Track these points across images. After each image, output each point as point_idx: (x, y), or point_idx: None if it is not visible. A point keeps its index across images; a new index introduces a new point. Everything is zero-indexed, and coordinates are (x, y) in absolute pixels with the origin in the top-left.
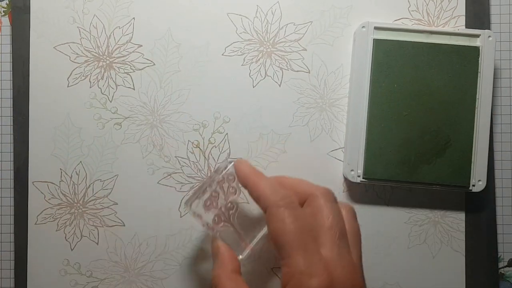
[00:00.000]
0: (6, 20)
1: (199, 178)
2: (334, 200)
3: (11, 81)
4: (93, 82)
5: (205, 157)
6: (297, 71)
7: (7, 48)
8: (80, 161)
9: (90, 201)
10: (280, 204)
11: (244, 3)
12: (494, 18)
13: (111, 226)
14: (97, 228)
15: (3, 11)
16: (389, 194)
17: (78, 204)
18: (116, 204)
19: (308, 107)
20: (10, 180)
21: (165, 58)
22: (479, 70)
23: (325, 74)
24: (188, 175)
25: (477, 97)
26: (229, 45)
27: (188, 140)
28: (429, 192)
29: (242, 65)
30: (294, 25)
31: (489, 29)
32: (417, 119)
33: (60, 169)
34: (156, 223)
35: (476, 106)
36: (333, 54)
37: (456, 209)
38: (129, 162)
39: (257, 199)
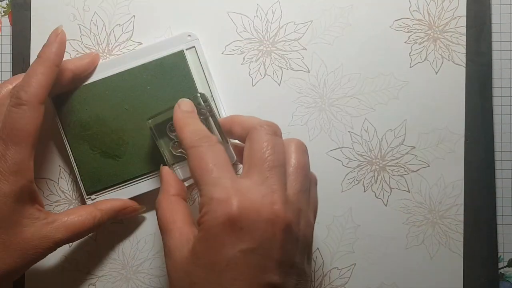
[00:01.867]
0: (6, 20)
1: None
2: (274, 133)
3: None
4: None
5: None
6: (297, 70)
7: (8, 48)
8: None
9: (87, 198)
10: (196, 144)
11: (245, 2)
12: (494, 18)
13: (108, 223)
14: None
15: (3, 11)
16: (387, 194)
17: (77, 201)
18: None
19: (307, 106)
20: None
21: None
22: (192, 73)
23: (325, 73)
24: None
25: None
26: (229, 44)
27: None
28: (428, 192)
29: (241, 64)
30: (294, 24)
31: (489, 29)
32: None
33: (59, 166)
34: (155, 221)
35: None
36: (333, 54)
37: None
38: None
39: (181, 142)
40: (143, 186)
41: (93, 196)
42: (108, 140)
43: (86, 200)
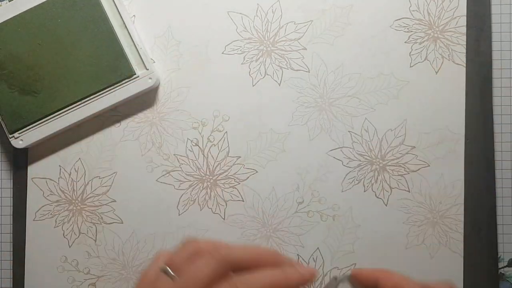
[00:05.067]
0: None
1: (198, 176)
2: None
3: None
4: None
5: (204, 155)
6: (297, 70)
7: None
8: (79, 158)
9: (88, 198)
10: None
11: (245, 2)
12: (494, 18)
13: (109, 224)
14: (95, 225)
15: None
16: (388, 194)
17: (77, 201)
18: (115, 201)
19: (308, 106)
20: (9, 180)
21: (165, 56)
22: (104, 10)
23: (325, 73)
24: (187, 173)
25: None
26: (229, 44)
27: (187, 138)
28: (428, 192)
29: (242, 63)
30: (294, 24)
31: (489, 29)
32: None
33: (59, 165)
34: (155, 221)
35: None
36: (333, 54)
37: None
38: (128, 159)
39: None
40: (65, 119)
41: (16, 135)
42: (25, 77)
43: (10, 139)
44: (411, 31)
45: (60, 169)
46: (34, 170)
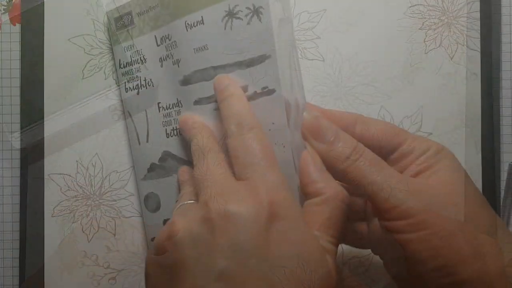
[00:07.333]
0: (6, 18)
1: None
2: None
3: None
4: (108, 74)
5: None
6: (312, 59)
7: (7, 46)
8: (96, 153)
9: (106, 192)
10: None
11: None
12: (495, 18)
13: (128, 217)
14: (114, 220)
15: (3, 8)
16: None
17: (95, 196)
18: (133, 195)
19: (323, 95)
20: (17, 178)
21: None
22: None
23: (340, 62)
24: None
25: None
26: None
27: None
28: None
29: None
30: (308, 13)
31: (499, 16)
32: None
33: (76, 161)
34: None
35: None
36: (347, 42)
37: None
38: None
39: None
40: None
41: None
42: None
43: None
44: (425, 18)
45: (77, 164)
46: (50, 166)
